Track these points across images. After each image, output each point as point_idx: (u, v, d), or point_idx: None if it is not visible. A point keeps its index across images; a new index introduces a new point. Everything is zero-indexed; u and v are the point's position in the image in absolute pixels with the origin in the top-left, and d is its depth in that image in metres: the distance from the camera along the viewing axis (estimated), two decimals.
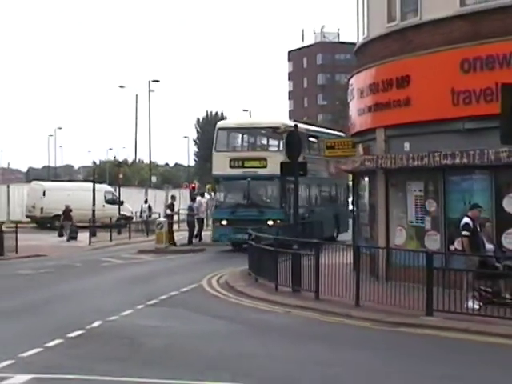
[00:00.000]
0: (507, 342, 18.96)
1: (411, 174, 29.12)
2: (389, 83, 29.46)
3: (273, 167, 40.61)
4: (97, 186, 60.27)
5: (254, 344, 19.35)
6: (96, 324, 21.34)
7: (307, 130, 49.44)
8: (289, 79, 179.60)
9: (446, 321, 21.15)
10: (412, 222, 29.60)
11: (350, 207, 48.49)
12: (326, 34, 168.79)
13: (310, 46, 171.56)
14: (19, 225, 49.98)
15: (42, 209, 72.12)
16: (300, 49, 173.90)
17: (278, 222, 43.14)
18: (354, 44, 36.35)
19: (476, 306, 22.08)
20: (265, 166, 44.36)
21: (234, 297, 27.51)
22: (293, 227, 34.93)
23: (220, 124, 48.01)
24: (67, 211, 60.34)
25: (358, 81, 33.04)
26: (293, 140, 33.30)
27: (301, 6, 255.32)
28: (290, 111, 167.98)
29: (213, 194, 47.14)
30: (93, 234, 55.20)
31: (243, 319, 23.06)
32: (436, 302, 21.77)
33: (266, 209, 44.71)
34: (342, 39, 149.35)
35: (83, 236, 57.14)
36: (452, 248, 26.18)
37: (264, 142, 50.14)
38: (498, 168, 25.38)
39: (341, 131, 57.86)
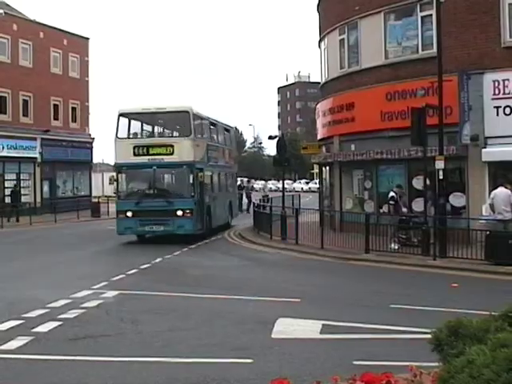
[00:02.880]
0: (416, 269, 19.27)
1: (356, 164, 29.25)
2: (341, 107, 29.74)
3: (181, 154, 27.51)
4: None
5: (256, 272, 19.53)
6: (158, 260, 21.46)
7: (208, 117, 32.79)
8: (278, 105, 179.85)
9: (377, 256, 21.43)
10: (356, 195, 29.94)
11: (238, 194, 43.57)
12: (302, 76, 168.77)
13: (292, 84, 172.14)
14: (109, 198, 50.40)
15: None
16: (285, 86, 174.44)
17: (188, 212, 27.41)
18: (319, 83, 36.60)
19: (396, 247, 22.50)
20: (172, 153, 27.90)
21: (245, 243, 27.64)
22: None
23: (121, 110, 29.32)
24: None
25: (322, 106, 33.31)
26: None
27: (285, 57, 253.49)
28: (278, 125, 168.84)
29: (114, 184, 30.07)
30: None
31: (250, 256, 23.19)
32: (371, 245, 22.09)
33: (175, 198, 27.68)
34: (312, 79, 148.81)
35: None
36: (381, 211, 26.54)
37: (170, 128, 32.02)
38: (409, 161, 25.78)
39: (312, 140, 55.78)
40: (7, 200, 44.30)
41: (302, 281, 17.50)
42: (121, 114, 28.81)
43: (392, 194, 23.99)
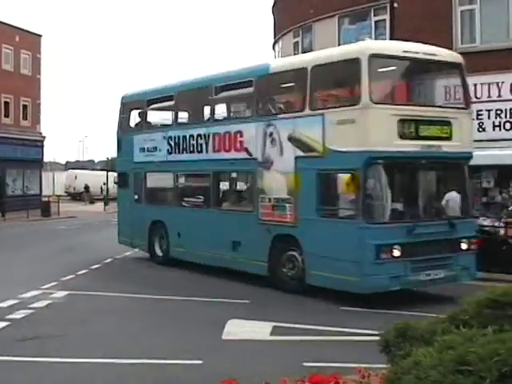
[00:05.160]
0: None
1: None
2: None
3: (460, 138, 14.79)
4: (110, 173, 60.00)
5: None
6: (108, 260, 21.32)
7: None
8: None
9: None
10: None
11: None
12: None
13: None
14: (60, 198, 50.03)
15: (74, 187, 73.83)
16: None
17: (472, 242, 14.85)
18: None
19: None
20: (449, 137, 14.50)
21: None
22: None
23: (370, 48, 14.03)
24: (87, 188, 68.39)
25: None
26: None
27: (240, 59, 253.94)
28: None
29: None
30: (106, 204, 55.03)
31: None
32: None
33: (455, 219, 14.73)
34: None
35: (99, 205, 57.40)
36: None
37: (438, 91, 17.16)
38: None
39: None
40: None
41: (251, 283, 17.49)
42: (373, 55, 13.82)
43: None
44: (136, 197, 21.60)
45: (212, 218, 17.88)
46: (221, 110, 19.30)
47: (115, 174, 30.16)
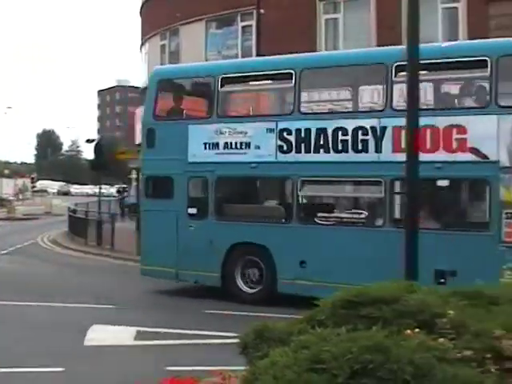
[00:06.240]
0: None
1: None
2: None
3: None
4: None
5: (70, 278, 19.24)
6: None
7: None
8: (98, 108, 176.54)
9: None
10: None
11: None
12: (123, 80, 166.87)
13: (112, 87, 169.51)
14: None
15: None
16: (105, 89, 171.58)
17: None
18: (139, 87, 36.52)
19: None
20: None
21: (58, 248, 27.06)
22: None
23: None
24: None
25: (141, 111, 33.13)
26: None
27: (106, 60, 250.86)
28: (98, 129, 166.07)
29: None
30: None
31: (64, 262, 22.80)
32: None
33: None
34: (134, 84, 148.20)
35: None
36: None
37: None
38: None
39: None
40: None
41: (119, 286, 17.36)
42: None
43: None
44: (192, 210, 15.68)
45: (385, 240, 12.94)
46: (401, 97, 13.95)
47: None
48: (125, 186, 56.41)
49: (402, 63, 11.98)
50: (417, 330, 4.29)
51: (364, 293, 4.70)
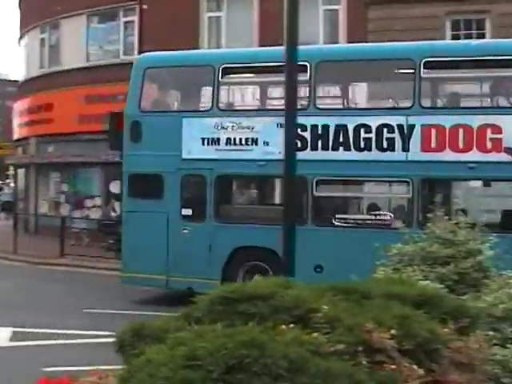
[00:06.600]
0: (112, 273, 19.34)
1: (53, 167, 28.77)
2: (39, 108, 29.14)
3: None
4: None
5: None
6: None
7: None
8: None
9: (74, 261, 21.29)
10: (53, 198, 29.46)
11: None
12: (3, 75, 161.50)
13: None
14: None
15: None
16: None
17: None
18: (18, 81, 35.64)
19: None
20: None
21: None
22: None
23: None
24: None
25: (19, 106, 32.55)
26: None
27: None
28: None
29: None
30: None
31: None
32: (69, 249, 22.02)
33: None
34: (12, 77, 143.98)
35: None
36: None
37: None
38: (107, 165, 25.88)
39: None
40: None
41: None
42: None
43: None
44: (187, 212, 14.43)
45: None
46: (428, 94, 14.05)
47: None
48: (5, 182, 54.34)
49: (431, 59, 12.32)
50: (292, 325, 4.37)
51: (241, 289, 4.74)
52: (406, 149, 12.93)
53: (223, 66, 14.21)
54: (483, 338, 5.25)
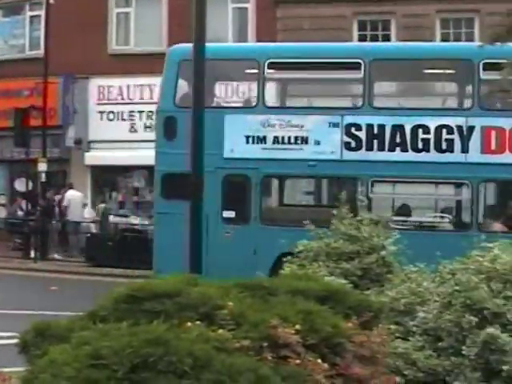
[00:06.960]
0: (17, 273, 19.00)
1: None
2: None
3: None
4: None
5: None
6: None
7: None
8: None
9: None
10: None
11: None
12: None
13: None
14: None
15: None
16: None
17: None
18: None
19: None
20: None
21: None
22: None
23: None
24: None
25: None
26: None
27: None
28: None
29: None
30: None
31: None
32: None
33: None
34: None
35: None
36: None
37: None
38: (12, 162, 25.37)
39: None
40: None
41: None
42: None
43: None
44: (229, 214, 13.56)
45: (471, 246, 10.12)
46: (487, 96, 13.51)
47: None
48: None
49: (489, 61, 11.92)
50: (198, 322, 4.39)
51: (146, 287, 4.73)
52: (465, 150, 12.70)
53: (269, 60, 13.60)
54: (386, 331, 5.40)
